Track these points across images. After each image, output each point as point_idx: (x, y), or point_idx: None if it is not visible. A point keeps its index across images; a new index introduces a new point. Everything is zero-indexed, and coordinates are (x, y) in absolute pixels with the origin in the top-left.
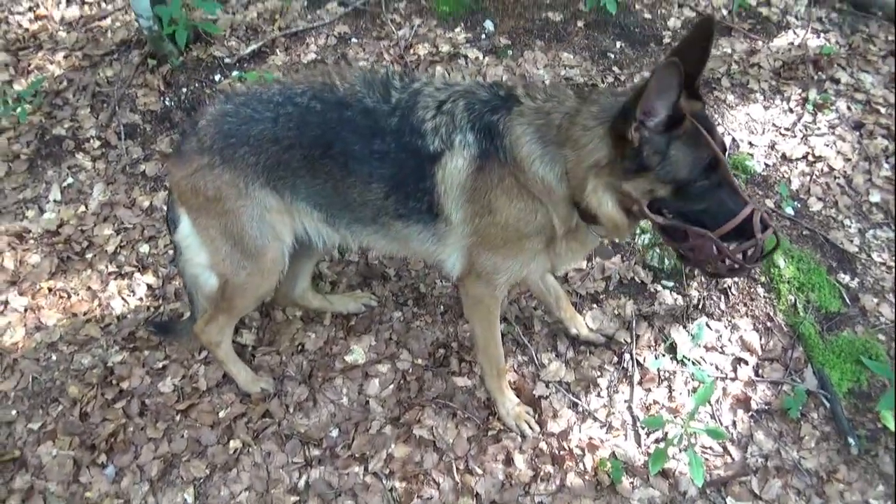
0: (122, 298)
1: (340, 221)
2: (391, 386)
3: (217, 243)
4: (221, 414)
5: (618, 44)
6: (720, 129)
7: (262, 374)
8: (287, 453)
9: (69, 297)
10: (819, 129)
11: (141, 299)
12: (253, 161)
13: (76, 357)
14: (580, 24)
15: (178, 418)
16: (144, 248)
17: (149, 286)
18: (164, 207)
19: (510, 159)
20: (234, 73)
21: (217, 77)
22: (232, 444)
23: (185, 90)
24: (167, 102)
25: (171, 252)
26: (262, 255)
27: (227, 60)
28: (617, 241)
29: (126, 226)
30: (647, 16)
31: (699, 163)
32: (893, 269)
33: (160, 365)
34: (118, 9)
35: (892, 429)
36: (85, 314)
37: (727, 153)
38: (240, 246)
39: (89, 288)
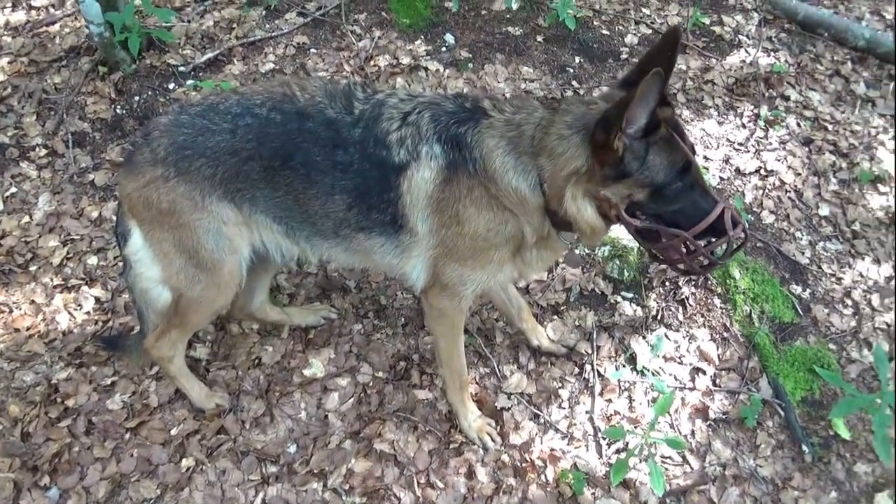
0: (69, 312)
1: (300, 234)
2: (351, 400)
3: (171, 257)
4: (173, 431)
5: (577, 59)
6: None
7: (217, 390)
8: (243, 471)
9: (11, 311)
10: (770, 144)
11: (88, 313)
12: (210, 173)
13: (18, 374)
14: (539, 38)
15: (127, 437)
16: (92, 261)
17: (97, 299)
18: (115, 218)
19: (481, 171)
20: (189, 82)
21: (171, 85)
22: (184, 462)
23: (137, 98)
24: (118, 110)
25: (120, 264)
26: (218, 268)
27: (181, 69)
28: (589, 247)
29: (73, 237)
30: (606, 32)
31: (674, 166)
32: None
33: (108, 381)
34: (67, 14)
35: (844, 436)
36: (28, 329)
37: (694, 150)
38: (195, 259)
39: (33, 301)
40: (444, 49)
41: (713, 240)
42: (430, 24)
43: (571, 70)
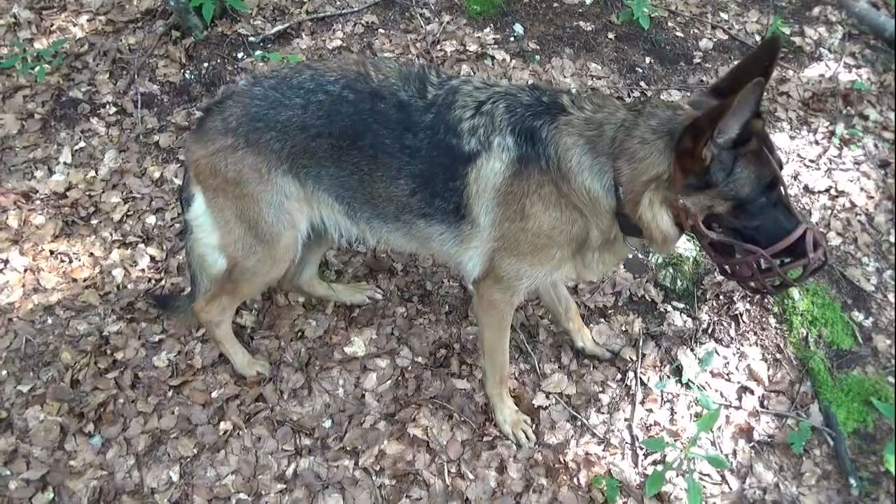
0: (124, 268)
1: (362, 215)
2: (389, 382)
3: (231, 226)
4: (214, 394)
5: (647, 59)
6: None
7: (259, 358)
8: (277, 440)
9: (70, 261)
10: (844, 163)
11: (143, 270)
12: (278, 147)
13: (72, 323)
14: (611, 35)
15: (169, 394)
16: (151, 220)
17: (152, 258)
18: (175, 180)
19: (553, 167)
20: (258, 53)
21: (240, 55)
22: (222, 425)
23: (206, 65)
24: (187, 75)
25: (177, 226)
26: (275, 241)
27: (251, 39)
28: (658, 254)
29: (134, 195)
30: (680, 34)
31: (761, 181)
32: None
33: (156, 338)
34: None
35: (895, 473)
36: (85, 280)
37: (782, 166)
38: (254, 230)
39: (91, 254)
40: (512, 39)
41: (789, 260)
42: (501, 12)
43: (641, 70)
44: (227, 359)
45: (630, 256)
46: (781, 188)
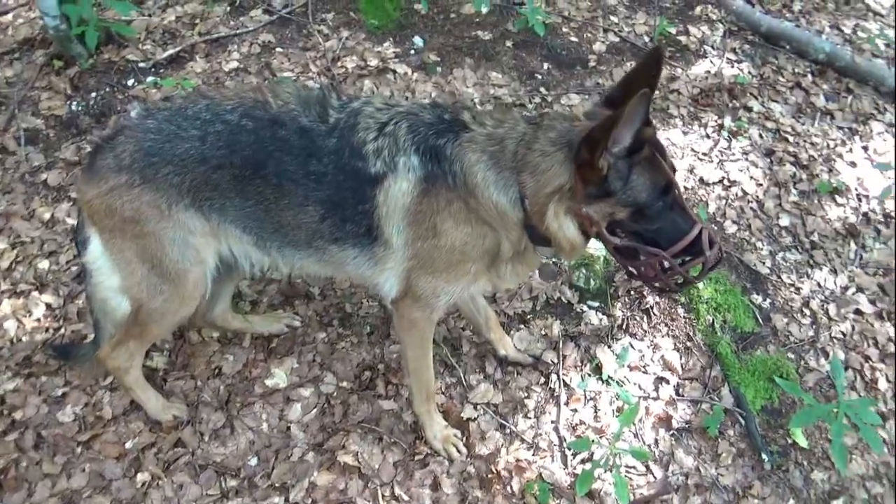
0: (17, 319)
1: (272, 244)
2: (314, 410)
3: (133, 266)
4: (128, 444)
5: (545, 65)
6: None
7: (175, 401)
8: (201, 485)
9: None
10: (734, 154)
11: (39, 320)
12: (177, 181)
13: None
14: (509, 43)
15: (78, 450)
16: (44, 265)
17: (48, 306)
18: (68, 220)
19: (460, 184)
20: (150, 79)
21: (130, 82)
22: (140, 476)
23: (94, 95)
24: (74, 107)
25: (74, 269)
26: (182, 279)
27: (141, 65)
28: (567, 261)
29: (23, 239)
30: (574, 39)
31: (656, 186)
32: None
33: (59, 392)
34: (21, 4)
35: (802, 444)
36: None
37: (674, 169)
38: (158, 269)
39: None
40: (412, 52)
41: (688, 259)
42: (399, 25)
43: (540, 76)
44: (139, 406)
45: (543, 262)
46: (676, 191)
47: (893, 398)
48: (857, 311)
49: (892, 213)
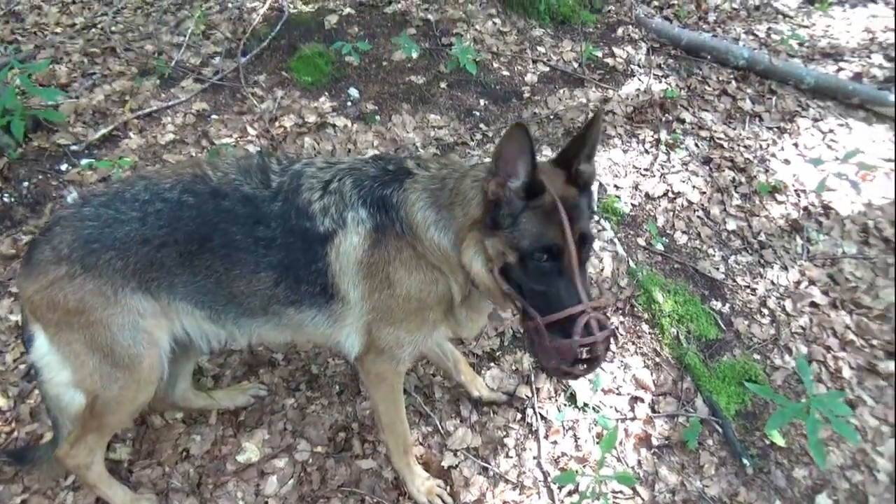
0: None
1: (226, 316)
2: (291, 481)
3: (82, 358)
4: None
5: (481, 101)
6: None
7: (143, 492)
8: None
9: None
10: (674, 166)
11: None
12: (121, 266)
13: None
14: (443, 84)
15: None
16: None
17: None
18: (10, 316)
19: (407, 229)
20: (84, 162)
21: (64, 167)
22: None
23: (26, 184)
24: (6, 199)
25: (22, 367)
26: (136, 364)
27: (74, 148)
28: (501, 312)
29: None
30: (506, 73)
31: (542, 240)
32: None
33: (18, 500)
34: None
35: (780, 443)
36: None
37: (584, 238)
38: (110, 358)
39: None
40: (349, 104)
41: (562, 337)
42: (333, 79)
43: (478, 113)
44: (106, 503)
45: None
46: (568, 260)
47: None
48: (813, 304)
49: (831, 205)
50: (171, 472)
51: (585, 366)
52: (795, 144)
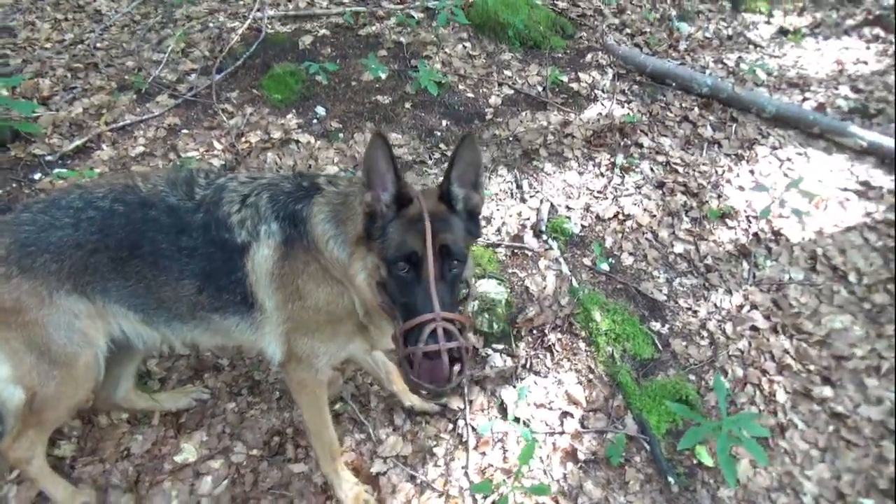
0: None
1: (158, 320)
2: (224, 482)
3: (20, 355)
4: None
5: (443, 122)
6: (538, 201)
7: (83, 487)
8: None
9: None
10: (627, 189)
11: None
12: (55, 268)
13: None
14: (408, 105)
15: None
16: None
17: None
18: None
19: (312, 243)
20: (56, 171)
21: (37, 176)
22: None
23: (0, 192)
24: None
25: None
26: (73, 362)
27: (48, 158)
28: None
29: None
30: (471, 95)
31: (402, 248)
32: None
33: None
34: None
35: (708, 463)
36: None
37: (446, 250)
38: (47, 356)
39: None
40: (315, 121)
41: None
42: (302, 97)
43: (439, 133)
44: (47, 497)
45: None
46: (430, 271)
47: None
48: (753, 328)
49: (782, 231)
50: (111, 469)
51: (431, 383)
52: (752, 171)
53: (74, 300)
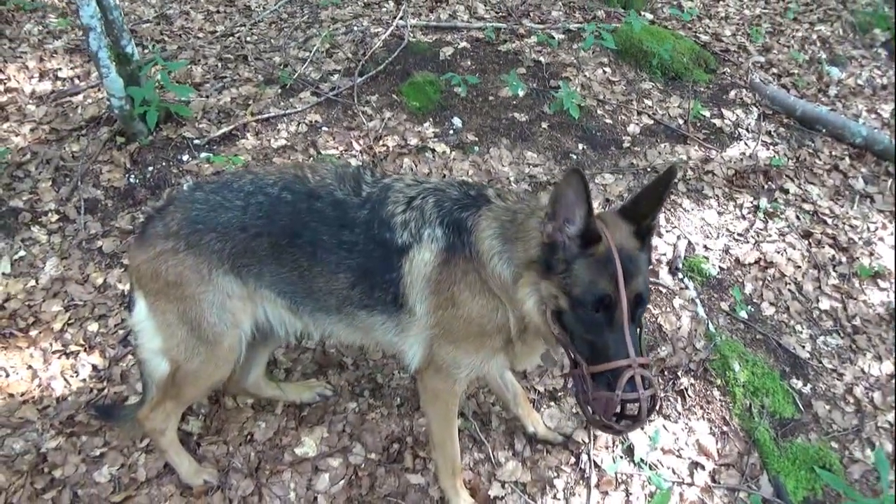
0: (65, 379)
1: (304, 309)
2: (342, 482)
3: (173, 328)
4: None
5: (580, 145)
6: (675, 237)
7: (207, 465)
8: None
9: (7, 375)
10: (770, 235)
11: (84, 381)
12: (219, 248)
13: (7, 441)
14: (544, 125)
15: None
16: (93, 327)
17: (94, 367)
18: (119, 285)
19: (475, 255)
20: (203, 155)
21: (185, 157)
22: None
23: (151, 169)
24: (132, 180)
25: (121, 332)
26: (218, 342)
27: (196, 142)
28: (553, 354)
29: (76, 303)
30: (609, 121)
31: (593, 290)
32: None
33: (98, 452)
34: (91, 86)
35: None
36: (22, 395)
37: (639, 298)
38: (196, 332)
39: (30, 367)
40: (451, 132)
41: (605, 389)
42: (439, 107)
43: (575, 156)
44: (172, 469)
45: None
46: (623, 316)
47: None
48: None
49: None
50: (234, 451)
51: (628, 422)
52: None
53: (230, 280)
